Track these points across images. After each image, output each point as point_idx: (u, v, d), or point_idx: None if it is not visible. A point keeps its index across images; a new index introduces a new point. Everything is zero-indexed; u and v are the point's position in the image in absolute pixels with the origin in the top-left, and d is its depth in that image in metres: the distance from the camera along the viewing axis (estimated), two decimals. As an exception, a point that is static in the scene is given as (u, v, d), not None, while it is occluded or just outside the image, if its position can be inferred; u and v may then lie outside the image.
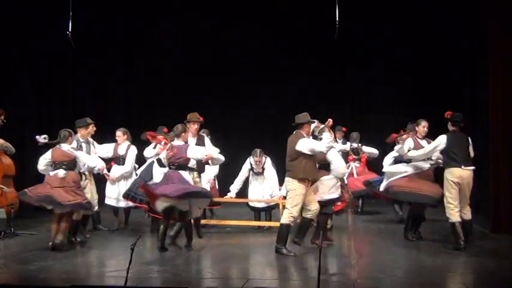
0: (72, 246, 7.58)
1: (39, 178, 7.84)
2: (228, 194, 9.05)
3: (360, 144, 10.79)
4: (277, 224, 8.63)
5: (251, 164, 9.08)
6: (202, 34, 12.73)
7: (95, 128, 8.58)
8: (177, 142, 7.45)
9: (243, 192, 9.32)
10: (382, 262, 6.64)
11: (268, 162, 9.13)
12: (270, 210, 9.13)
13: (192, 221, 7.71)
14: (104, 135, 9.32)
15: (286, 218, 7.05)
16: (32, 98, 11.20)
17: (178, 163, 7.36)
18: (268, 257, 7.16)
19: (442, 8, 11.37)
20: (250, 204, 9.18)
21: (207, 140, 8.25)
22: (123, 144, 8.99)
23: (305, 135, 7.20)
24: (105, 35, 12.25)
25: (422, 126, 8.08)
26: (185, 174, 7.35)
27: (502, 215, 8.18)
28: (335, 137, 9.42)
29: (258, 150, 9.03)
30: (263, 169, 9.07)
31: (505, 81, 8.29)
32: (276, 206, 9.02)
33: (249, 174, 9.14)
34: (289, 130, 8.94)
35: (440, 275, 6.11)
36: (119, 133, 9.02)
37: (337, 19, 8.59)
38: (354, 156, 10.62)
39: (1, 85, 10.26)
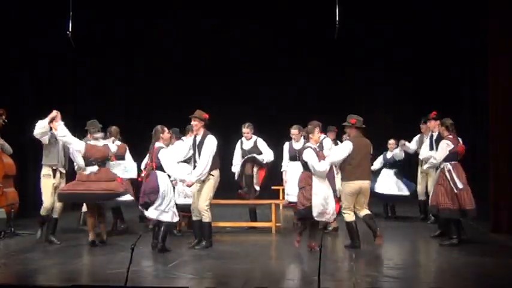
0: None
1: (39, 178, 7.86)
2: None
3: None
4: (270, 224, 8.69)
5: (242, 143, 8.99)
6: (202, 34, 12.74)
7: None
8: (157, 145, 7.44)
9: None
10: (382, 262, 6.64)
11: (260, 141, 8.96)
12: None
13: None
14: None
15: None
16: (32, 98, 11.19)
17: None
18: (269, 256, 7.17)
19: (442, 8, 11.37)
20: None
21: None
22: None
23: None
24: (105, 35, 12.25)
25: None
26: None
27: (502, 215, 8.18)
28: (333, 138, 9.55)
29: (247, 123, 9.00)
30: (255, 145, 8.88)
31: (505, 81, 8.29)
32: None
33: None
34: (287, 130, 8.99)
35: (440, 274, 6.11)
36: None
37: (337, 19, 8.59)
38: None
39: (1, 85, 10.25)
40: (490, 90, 8.47)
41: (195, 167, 7.54)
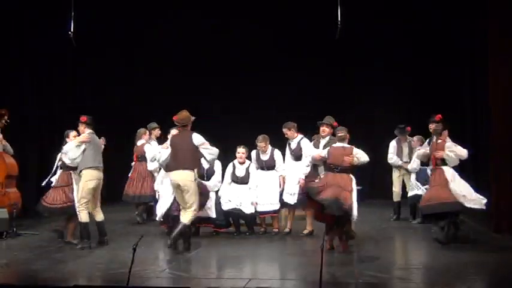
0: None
1: (40, 178, 7.86)
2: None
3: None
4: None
5: (234, 167, 8.71)
6: (202, 34, 12.74)
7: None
8: None
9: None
10: (384, 262, 6.65)
11: (252, 167, 8.67)
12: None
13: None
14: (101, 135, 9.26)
15: None
16: (32, 98, 11.19)
17: None
18: (270, 257, 7.17)
19: (442, 8, 11.37)
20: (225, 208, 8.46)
21: None
22: None
23: None
24: (105, 35, 12.25)
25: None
26: None
27: (504, 215, 8.17)
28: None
29: (242, 146, 8.79)
30: (247, 173, 8.60)
31: (505, 81, 8.29)
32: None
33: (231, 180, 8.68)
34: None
35: (441, 275, 6.12)
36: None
37: (339, 19, 8.59)
38: None
39: (1, 85, 10.25)
40: (490, 90, 8.48)
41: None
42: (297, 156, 8.57)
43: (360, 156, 7.27)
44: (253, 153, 8.77)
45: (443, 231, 7.38)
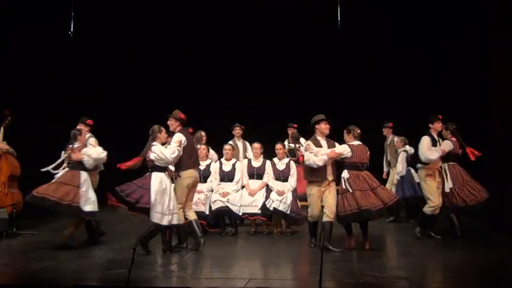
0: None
1: (41, 178, 7.85)
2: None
3: (297, 145, 9.81)
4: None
5: (221, 164, 8.81)
6: (202, 34, 12.75)
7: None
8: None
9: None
10: (384, 262, 6.66)
11: (238, 165, 8.79)
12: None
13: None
14: (103, 136, 9.26)
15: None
16: (32, 98, 11.20)
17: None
18: (270, 257, 7.18)
19: (443, 8, 11.35)
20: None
21: None
22: None
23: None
24: (105, 35, 12.26)
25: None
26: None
27: (503, 214, 8.19)
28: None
29: (228, 143, 8.96)
30: (233, 168, 8.71)
31: (507, 81, 8.29)
32: None
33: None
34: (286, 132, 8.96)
35: (441, 274, 6.13)
36: None
37: (338, 19, 8.59)
38: (291, 158, 9.39)
39: (1, 85, 10.26)
40: (491, 90, 8.49)
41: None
42: (285, 178, 8.68)
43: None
44: (245, 161, 8.82)
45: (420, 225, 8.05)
